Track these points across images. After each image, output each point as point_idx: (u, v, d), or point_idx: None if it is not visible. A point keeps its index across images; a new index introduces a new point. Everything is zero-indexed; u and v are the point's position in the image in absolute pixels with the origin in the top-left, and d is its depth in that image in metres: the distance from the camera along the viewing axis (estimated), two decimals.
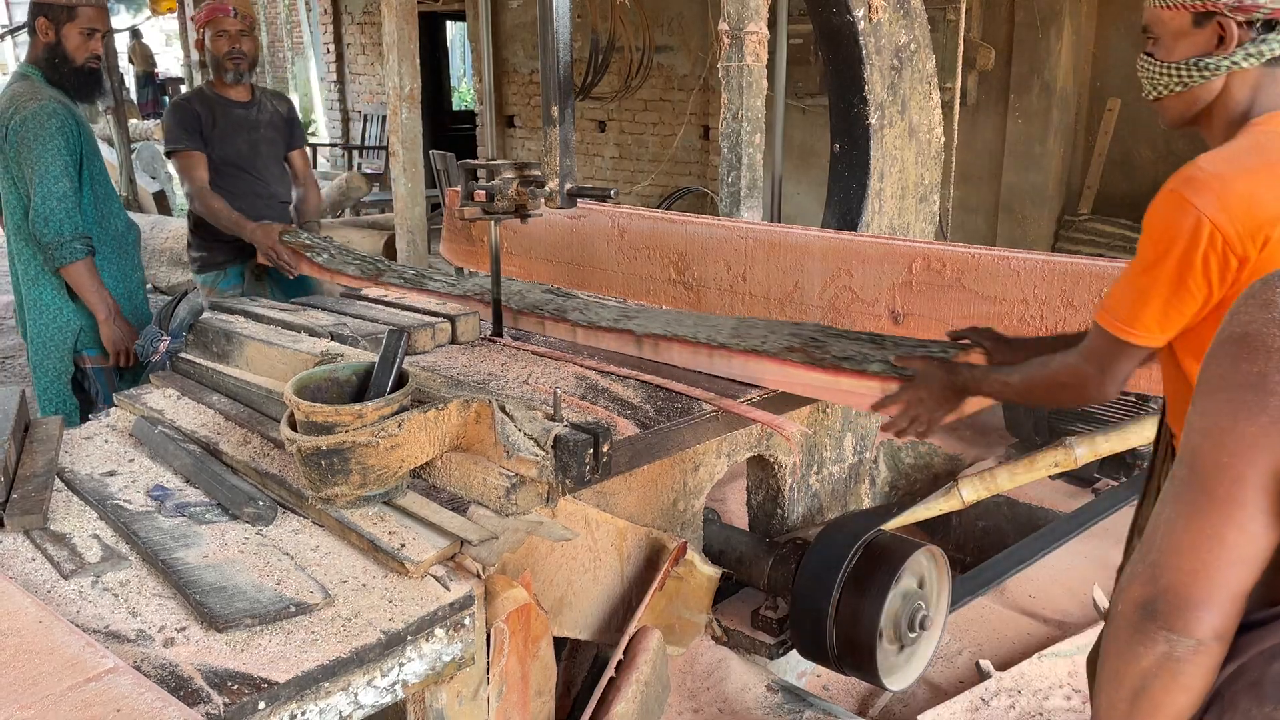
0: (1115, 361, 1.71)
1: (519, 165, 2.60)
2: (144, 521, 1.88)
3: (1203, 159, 1.65)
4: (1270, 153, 1.62)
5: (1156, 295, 1.62)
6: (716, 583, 2.67)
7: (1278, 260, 1.56)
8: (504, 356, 2.58)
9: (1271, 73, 1.67)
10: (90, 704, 1.25)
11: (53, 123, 2.92)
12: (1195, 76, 1.70)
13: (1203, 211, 1.56)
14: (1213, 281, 1.58)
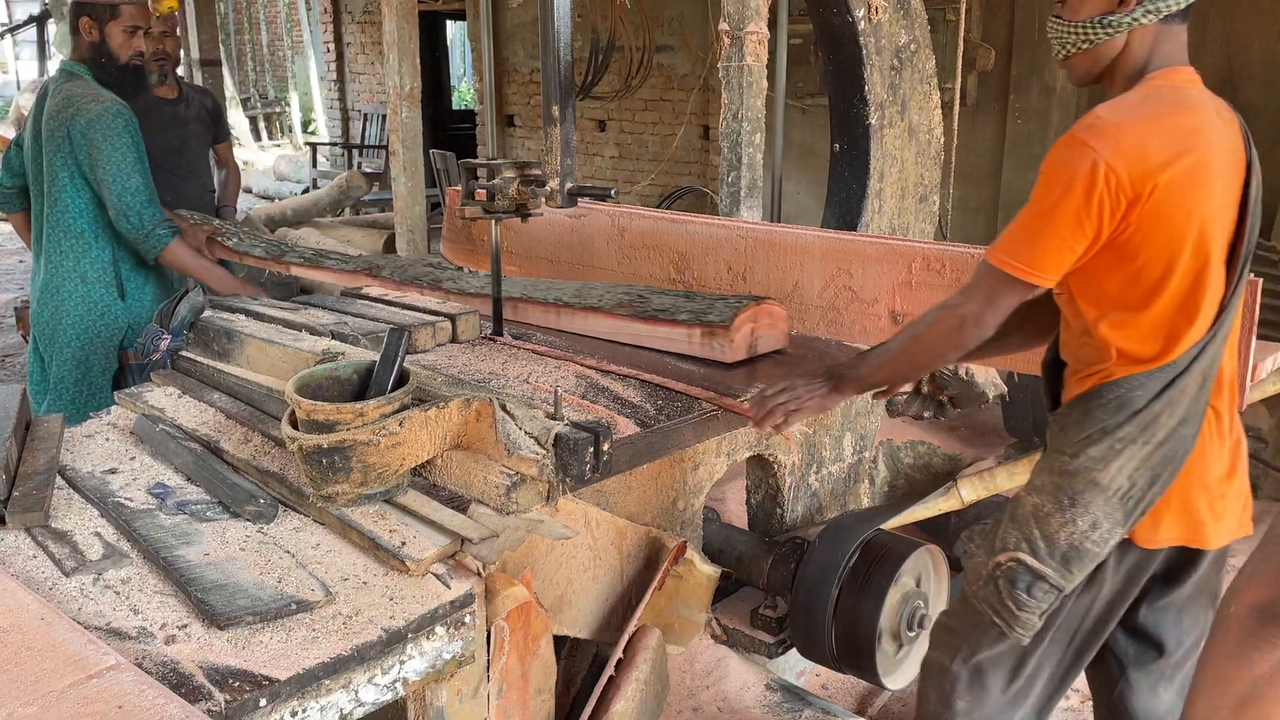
0: (1001, 298, 1.77)
1: (520, 164, 2.60)
2: (145, 519, 1.89)
3: (1101, 108, 1.74)
4: (1162, 105, 1.74)
5: (1053, 234, 1.70)
6: (716, 582, 2.67)
7: (1164, 204, 1.67)
8: (504, 355, 2.59)
9: (1167, 29, 1.79)
10: (92, 701, 1.25)
11: (118, 122, 2.98)
12: (1099, 34, 1.79)
13: (1100, 154, 1.65)
14: (1104, 220, 1.68)
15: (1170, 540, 1.82)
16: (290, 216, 8.05)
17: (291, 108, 17.00)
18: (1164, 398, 1.73)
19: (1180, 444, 1.76)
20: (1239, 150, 1.79)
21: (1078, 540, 1.79)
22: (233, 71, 16.28)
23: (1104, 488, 1.76)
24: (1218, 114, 1.78)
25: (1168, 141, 1.67)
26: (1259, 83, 5.54)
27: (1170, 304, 1.72)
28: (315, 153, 12.08)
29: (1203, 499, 1.81)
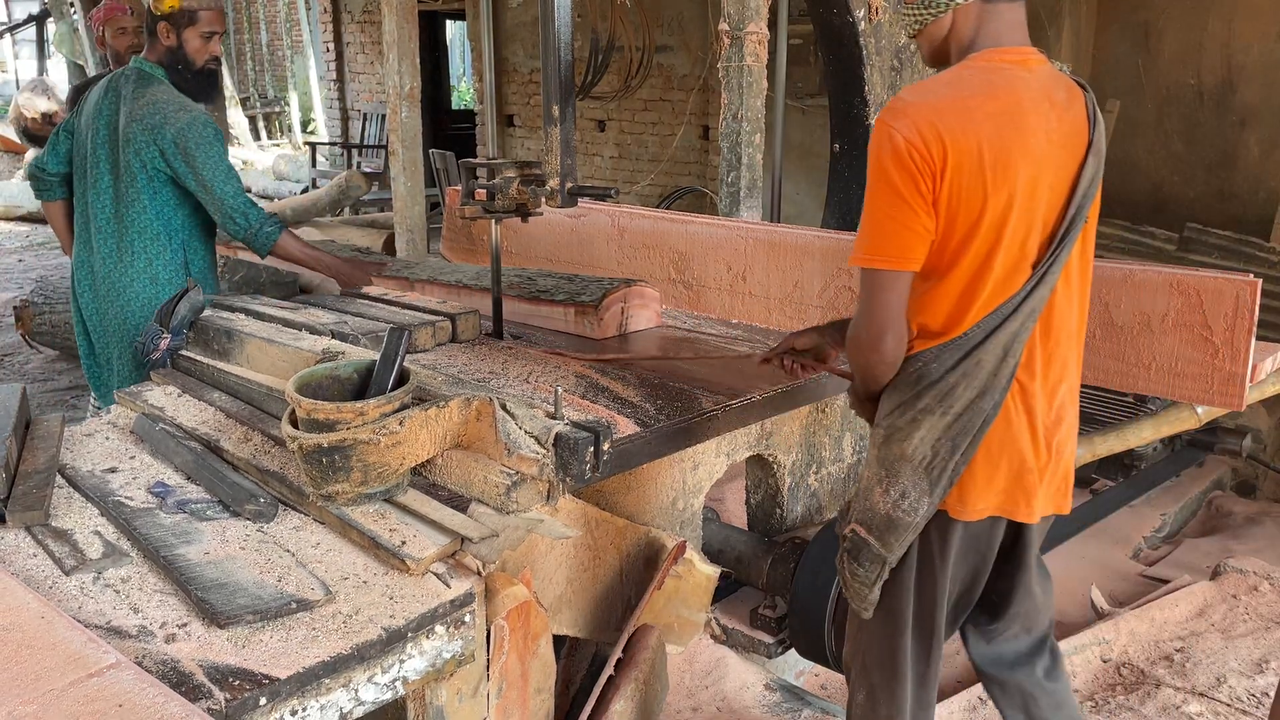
0: (884, 296, 1.76)
1: (520, 164, 2.60)
2: (145, 518, 1.89)
3: (905, 90, 1.79)
4: (965, 87, 1.75)
5: (886, 218, 1.73)
6: (715, 581, 2.67)
7: (956, 183, 1.70)
8: (504, 355, 2.59)
9: (992, 8, 1.80)
10: (92, 699, 1.25)
11: (209, 130, 3.02)
12: (926, 15, 1.84)
13: (900, 132, 1.70)
14: (924, 192, 1.70)
15: (979, 512, 1.84)
16: (290, 216, 8.04)
17: (291, 107, 17.00)
18: (959, 370, 1.77)
19: (978, 415, 1.78)
20: (1078, 133, 1.81)
21: (890, 509, 1.83)
22: (232, 71, 16.28)
23: (909, 458, 1.80)
24: (1046, 96, 1.78)
25: (964, 122, 1.69)
26: (1258, 84, 5.54)
27: (962, 279, 1.76)
28: (315, 152, 12.07)
29: (1008, 472, 1.83)
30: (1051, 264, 1.77)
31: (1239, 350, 2.12)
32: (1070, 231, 1.79)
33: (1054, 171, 1.77)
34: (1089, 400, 4.40)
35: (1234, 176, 5.70)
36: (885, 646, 1.94)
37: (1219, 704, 2.74)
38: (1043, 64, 1.82)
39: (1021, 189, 1.73)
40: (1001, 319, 1.76)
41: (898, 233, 1.73)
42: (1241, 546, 3.93)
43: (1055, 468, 1.88)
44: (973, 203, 1.71)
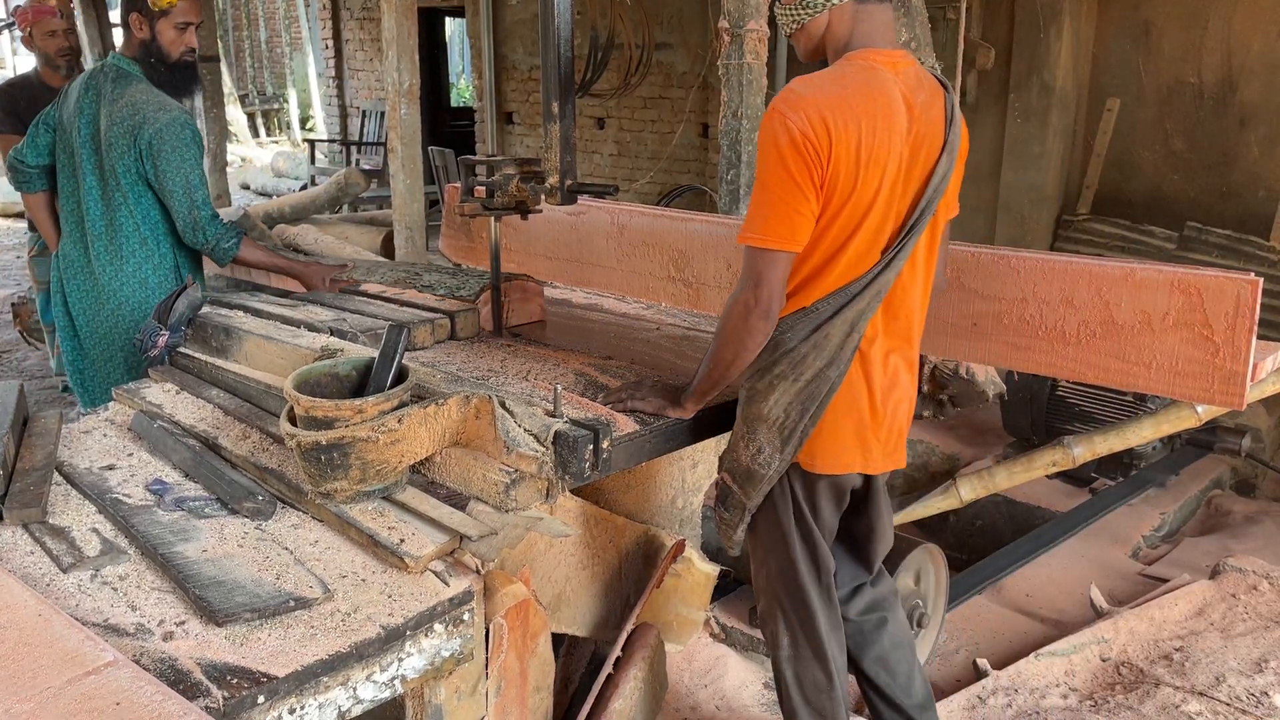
0: (766, 275, 1.90)
1: (520, 161, 2.60)
2: (143, 515, 1.88)
3: (795, 81, 1.90)
4: (847, 84, 1.88)
5: (778, 201, 1.87)
6: (715, 580, 2.67)
7: (834, 173, 1.84)
8: (503, 353, 2.58)
9: (864, 9, 1.94)
10: (90, 697, 1.25)
11: (186, 133, 2.95)
12: (803, 14, 1.97)
13: (793, 121, 1.83)
14: (815, 178, 1.85)
15: (829, 467, 2.04)
16: (288, 213, 8.03)
17: (290, 104, 16.99)
18: (810, 341, 1.94)
19: (825, 383, 1.96)
20: (936, 133, 1.96)
21: (748, 462, 2.04)
22: (231, 68, 16.26)
23: (765, 417, 2.00)
24: (910, 97, 1.91)
25: (846, 117, 1.83)
26: (1259, 82, 5.54)
27: (820, 256, 1.93)
28: (313, 149, 12.05)
29: (850, 431, 2.02)
30: (899, 251, 1.95)
31: (1239, 349, 2.11)
32: (919, 222, 1.96)
33: (909, 167, 1.93)
34: (1089, 399, 4.40)
35: (1234, 175, 5.69)
36: (794, 591, 2.14)
37: (1218, 703, 2.73)
38: (910, 65, 1.96)
39: (884, 183, 1.89)
40: (849, 297, 1.93)
41: (789, 215, 1.87)
42: (1241, 546, 3.93)
43: (891, 427, 2.07)
44: (843, 191, 1.86)
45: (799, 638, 2.17)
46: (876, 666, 2.29)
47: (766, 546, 2.15)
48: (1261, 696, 2.76)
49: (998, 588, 3.57)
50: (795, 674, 2.19)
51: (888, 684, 2.29)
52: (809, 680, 2.18)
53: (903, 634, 2.33)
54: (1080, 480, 4.39)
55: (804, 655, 2.17)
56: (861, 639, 2.29)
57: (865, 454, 2.05)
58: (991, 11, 6.29)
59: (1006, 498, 4.21)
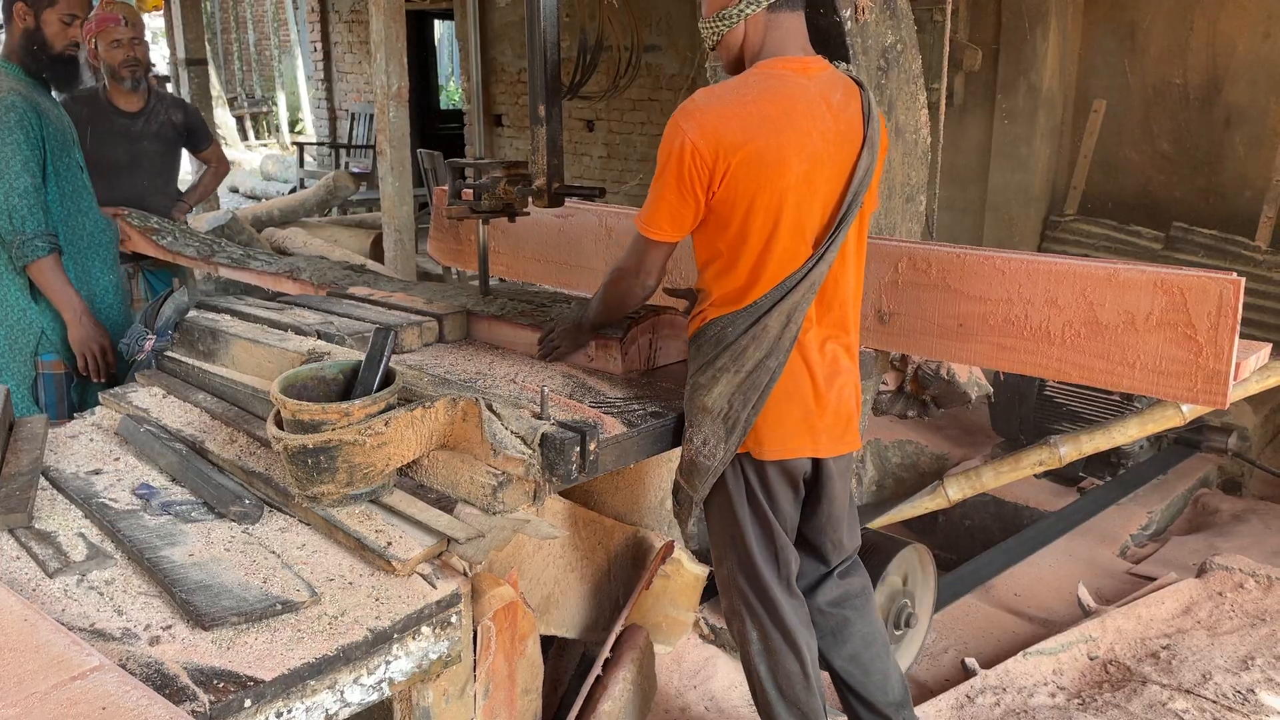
0: (646, 255, 2.13)
1: (507, 164, 2.60)
2: (129, 520, 1.88)
3: (697, 93, 2.03)
4: (748, 93, 1.99)
5: (664, 200, 2.03)
6: (704, 581, 2.68)
7: (738, 178, 1.96)
8: (491, 355, 2.58)
9: (775, 18, 2.04)
10: (76, 702, 1.24)
11: (11, 116, 2.84)
12: (721, 26, 2.07)
13: (687, 134, 1.96)
14: (699, 189, 1.99)
15: (777, 453, 2.10)
16: (277, 216, 8.02)
17: (279, 107, 16.95)
18: (749, 334, 2.03)
19: (765, 373, 2.05)
20: (854, 130, 2.05)
21: (693, 455, 2.12)
22: (219, 71, 16.20)
23: (709, 410, 2.08)
24: (823, 99, 2.01)
25: (744, 126, 1.94)
26: (1243, 84, 5.56)
27: (749, 259, 2.03)
28: (302, 152, 12.04)
29: (796, 417, 2.09)
30: (830, 245, 2.04)
31: (1222, 348, 2.13)
32: (847, 216, 2.05)
33: (830, 165, 2.02)
34: (1077, 398, 4.42)
35: (1220, 175, 5.72)
36: (757, 584, 2.18)
37: (1205, 701, 2.75)
38: (823, 69, 2.06)
39: (796, 182, 1.98)
40: (785, 291, 2.02)
41: (667, 213, 2.04)
42: (1228, 544, 3.95)
43: (836, 411, 2.14)
44: (746, 193, 1.97)
45: (768, 629, 2.19)
46: (850, 665, 2.30)
47: (725, 542, 2.20)
48: (1248, 694, 2.78)
49: (986, 587, 3.59)
50: (769, 667, 2.21)
51: (861, 683, 2.30)
52: (782, 671, 2.20)
53: (875, 631, 2.34)
54: (1068, 480, 4.41)
55: (775, 647, 2.19)
56: (833, 638, 2.30)
57: (814, 438, 2.12)
58: (978, 13, 6.31)
59: (995, 497, 4.23)
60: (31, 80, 3.01)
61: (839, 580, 2.32)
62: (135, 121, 3.99)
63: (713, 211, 2.03)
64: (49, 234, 2.92)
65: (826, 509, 2.25)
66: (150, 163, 4.06)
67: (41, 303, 3.01)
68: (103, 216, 3.28)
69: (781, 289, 2.03)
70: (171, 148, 4.18)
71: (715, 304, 2.10)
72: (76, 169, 3.13)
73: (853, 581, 2.34)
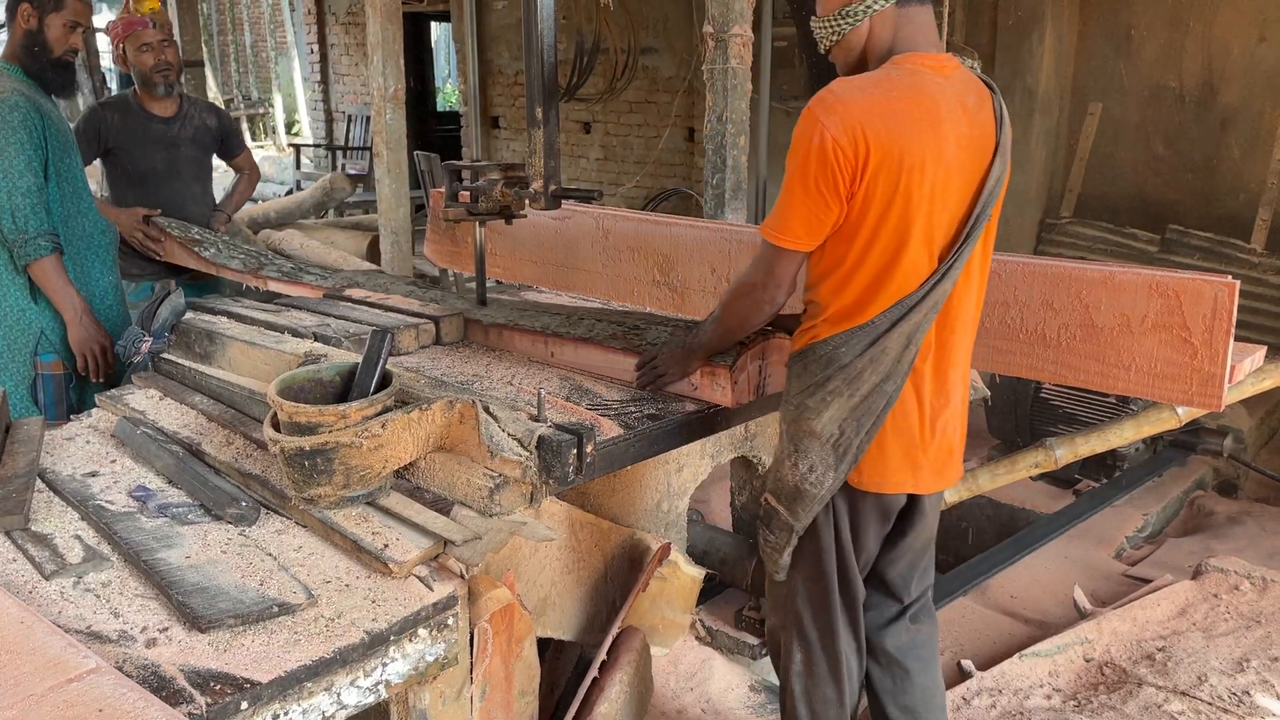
0: (776, 266, 1.95)
1: (504, 166, 2.60)
2: (126, 522, 1.88)
3: (835, 83, 1.87)
4: (892, 89, 1.84)
5: (799, 203, 1.85)
6: (700, 583, 2.68)
7: (875, 181, 1.80)
8: (488, 357, 2.58)
9: (905, 12, 1.89)
10: (72, 704, 1.24)
11: (15, 116, 2.84)
12: (844, 24, 1.92)
13: (827, 127, 1.79)
14: (840, 190, 1.82)
15: (876, 485, 1.98)
16: (273, 218, 8.02)
17: (275, 109, 16.93)
18: (866, 355, 1.89)
19: (881, 398, 1.91)
20: (986, 136, 1.91)
21: (799, 482, 1.97)
22: (216, 73, 16.19)
23: (818, 435, 1.94)
24: (959, 101, 1.87)
25: (887, 123, 1.79)
26: (1238, 86, 5.58)
27: (870, 272, 1.87)
28: (299, 154, 12.03)
29: (900, 449, 1.97)
30: (955, 261, 1.89)
31: (1217, 351, 2.13)
32: (974, 230, 1.90)
33: (962, 174, 1.88)
34: (1073, 401, 4.42)
35: (1215, 178, 5.74)
36: (820, 606, 2.08)
37: (1200, 703, 2.75)
38: (956, 69, 1.91)
39: (932, 192, 1.84)
40: (906, 310, 1.88)
41: (802, 218, 1.86)
42: (1223, 546, 3.96)
43: (940, 445, 2.01)
44: (884, 198, 1.82)
45: (815, 655, 2.10)
46: (903, 716, 2.18)
47: (798, 559, 2.08)
48: (1243, 696, 2.78)
49: (982, 589, 3.59)
50: (805, 689, 2.12)
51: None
52: (819, 696, 2.12)
53: (935, 686, 2.22)
54: (1064, 482, 4.42)
55: (818, 673, 2.11)
56: (892, 684, 2.19)
57: (915, 473, 1.99)
58: (974, 16, 6.32)
59: (991, 499, 4.24)
60: (31, 82, 3.01)
61: (910, 625, 2.21)
62: (170, 127, 3.84)
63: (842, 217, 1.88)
64: (51, 233, 2.93)
65: (909, 544, 2.14)
66: (188, 170, 3.90)
67: (41, 303, 3.01)
68: (102, 218, 3.27)
69: (902, 307, 1.88)
70: (206, 154, 4.02)
71: (828, 320, 1.94)
72: (76, 170, 3.13)
73: (922, 629, 2.23)
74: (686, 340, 2.26)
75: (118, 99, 3.84)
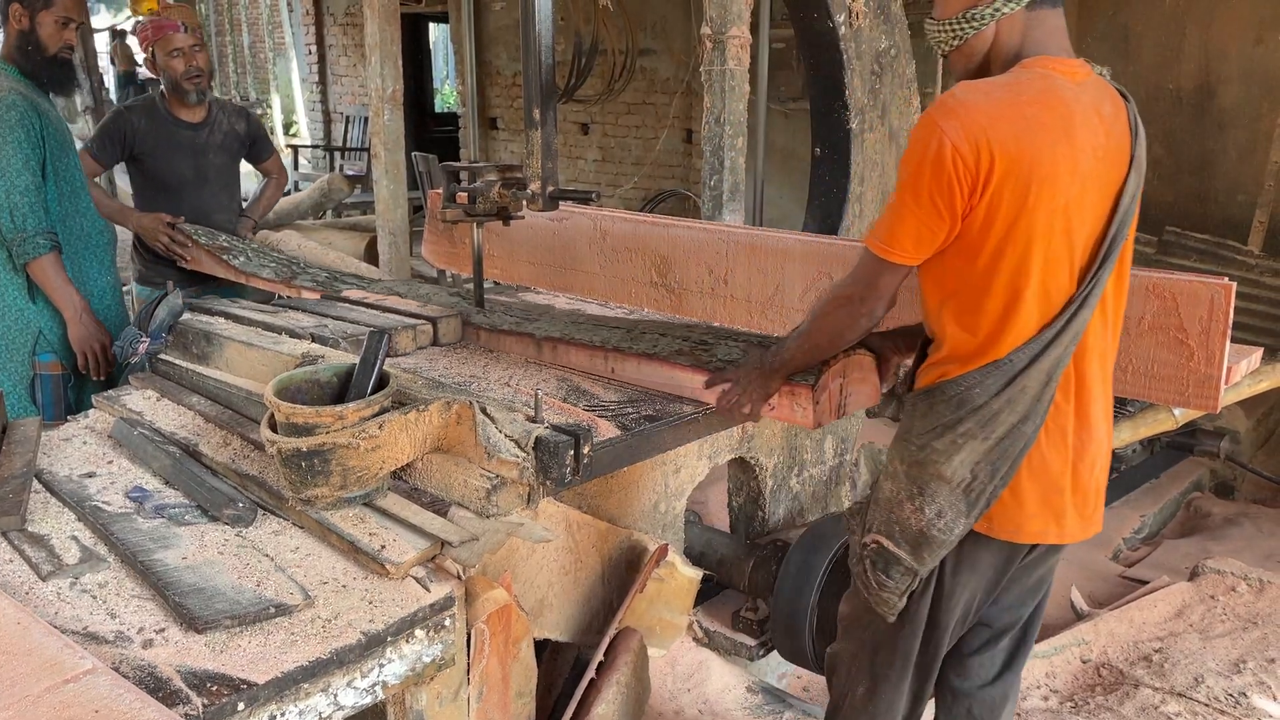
0: (878, 279, 1.80)
1: (501, 167, 2.60)
2: (123, 523, 1.88)
3: (958, 87, 1.72)
4: (1022, 93, 1.69)
5: (910, 215, 1.71)
6: (698, 584, 2.68)
7: (1001, 194, 1.65)
8: (486, 358, 2.58)
9: (1036, 16, 1.74)
10: (68, 705, 1.24)
11: (12, 115, 2.84)
12: (967, 28, 1.77)
13: (947, 134, 1.64)
14: (956, 202, 1.67)
15: (1009, 534, 1.83)
16: (271, 219, 8.00)
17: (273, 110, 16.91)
18: (1004, 396, 1.74)
19: (1019, 439, 1.76)
20: (1121, 148, 1.76)
21: (925, 527, 1.81)
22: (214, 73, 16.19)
23: (948, 480, 1.78)
24: (1095, 109, 1.73)
25: (1015, 131, 1.64)
26: (1235, 88, 5.59)
27: (999, 300, 1.72)
28: (297, 155, 12.04)
29: (1038, 494, 1.81)
30: (1094, 286, 1.73)
31: (1213, 353, 2.13)
32: (1111, 251, 1.74)
33: (1098, 189, 1.73)
34: None
35: (1212, 180, 5.75)
36: (899, 647, 1.95)
37: (1197, 704, 2.76)
38: (1089, 75, 1.77)
39: (1067, 208, 1.68)
40: (1045, 344, 1.72)
41: (913, 230, 1.72)
42: (1220, 547, 3.96)
43: (1086, 488, 1.85)
44: (1008, 216, 1.66)
45: (878, 693, 2.00)
46: None
47: None
48: (1240, 697, 2.79)
49: None
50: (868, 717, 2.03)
51: None
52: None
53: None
54: None
55: (877, 710, 2.00)
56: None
57: (1057, 521, 1.83)
58: None
59: None
60: (28, 82, 3.01)
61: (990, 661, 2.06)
62: (199, 133, 3.69)
63: (960, 235, 1.71)
64: (50, 231, 2.92)
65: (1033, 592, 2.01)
66: (215, 176, 3.76)
67: (39, 303, 3.01)
68: (100, 218, 3.26)
69: (1040, 340, 1.71)
70: (234, 160, 3.87)
71: (957, 357, 1.78)
72: (74, 170, 3.13)
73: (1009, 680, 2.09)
74: (765, 359, 2.09)
75: (144, 102, 3.71)
